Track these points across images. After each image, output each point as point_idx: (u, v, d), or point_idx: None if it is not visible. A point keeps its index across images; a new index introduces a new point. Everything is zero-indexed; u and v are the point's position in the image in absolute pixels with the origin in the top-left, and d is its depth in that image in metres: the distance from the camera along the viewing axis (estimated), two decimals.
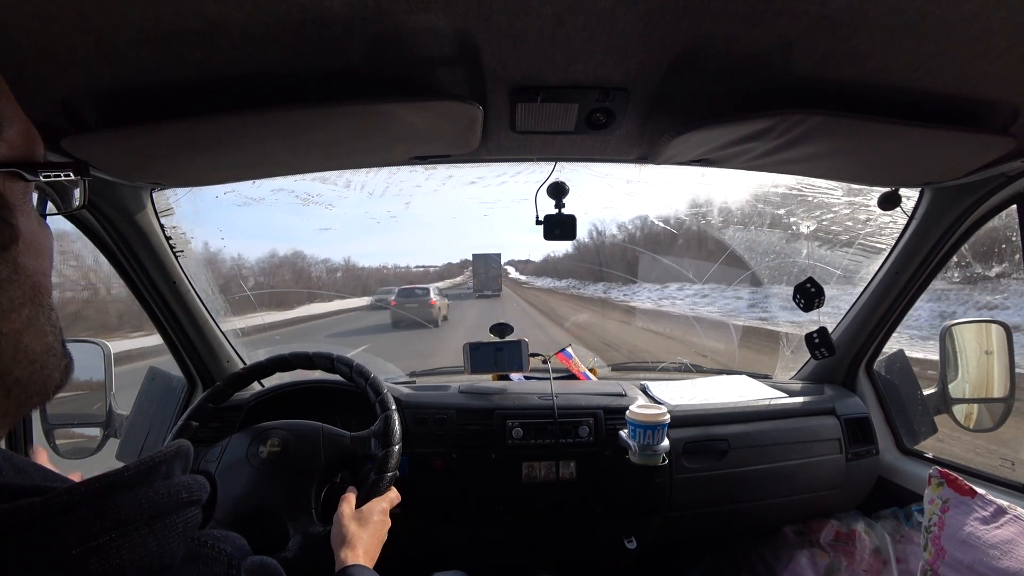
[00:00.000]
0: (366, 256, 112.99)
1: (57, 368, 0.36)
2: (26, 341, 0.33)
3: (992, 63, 0.65)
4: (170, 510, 0.29)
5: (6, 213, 0.31)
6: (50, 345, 0.35)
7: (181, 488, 0.31)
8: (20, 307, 0.32)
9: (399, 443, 0.98)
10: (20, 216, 0.33)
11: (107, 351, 1.28)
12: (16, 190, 0.33)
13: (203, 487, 0.33)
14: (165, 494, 0.29)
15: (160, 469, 0.31)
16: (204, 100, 0.70)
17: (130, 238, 1.13)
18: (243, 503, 0.92)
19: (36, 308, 0.33)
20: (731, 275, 2.31)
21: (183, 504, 0.30)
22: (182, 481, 0.31)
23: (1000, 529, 0.88)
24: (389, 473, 0.93)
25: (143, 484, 0.29)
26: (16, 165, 0.32)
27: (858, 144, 0.86)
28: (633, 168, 1.18)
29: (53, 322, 0.35)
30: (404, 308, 10.44)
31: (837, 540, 1.29)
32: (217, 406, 1.11)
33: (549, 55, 0.67)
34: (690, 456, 1.23)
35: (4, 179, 0.32)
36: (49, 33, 0.54)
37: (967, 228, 1.13)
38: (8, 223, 0.32)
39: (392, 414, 1.00)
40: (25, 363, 0.33)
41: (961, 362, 1.34)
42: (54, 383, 0.36)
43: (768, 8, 0.57)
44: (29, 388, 0.33)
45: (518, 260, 47.08)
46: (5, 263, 0.31)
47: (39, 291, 0.34)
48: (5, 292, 0.31)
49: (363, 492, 0.90)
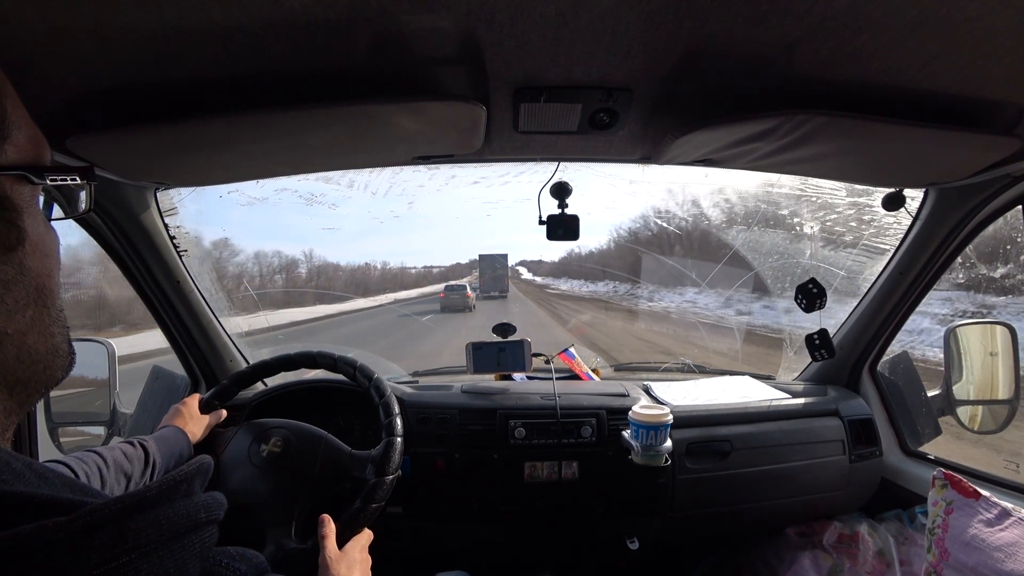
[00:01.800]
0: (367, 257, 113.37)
1: (61, 367, 0.36)
2: (30, 342, 0.33)
3: (997, 63, 0.64)
4: (188, 530, 0.30)
5: (13, 216, 0.32)
6: (56, 346, 0.35)
7: (200, 508, 0.31)
8: (24, 308, 0.33)
9: (395, 473, 0.96)
10: (27, 219, 0.33)
11: (111, 350, 1.28)
12: (23, 193, 0.33)
13: (221, 505, 0.33)
14: (184, 514, 0.30)
15: (181, 487, 0.31)
16: (208, 100, 0.70)
17: (134, 237, 1.14)
18: (234, 498, 0.92)
19: (40, 309, 0.34)
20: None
21: (201, 524, 0.31)
22: (201, 501, 0.31)
23: (1005, 531, 0.88)
24: (374, 505, 0.91)
25: (164, 503, 0.29)
26: (23, 168, 0.33)
27: (862, 144, 0.86)
28: (636, 168, 1.18)
29: (60, 323, 0.36)
30: (449, 299, 15.33)
31: (840, 542, 1.29)
32: (222, 404, 1.12)
33: (552, 55, 0.67)
34: (693, 457, 1.23)
35: (11, 182, 0.32)
36: (54, 34, 0.55)
37: (972, 229, 1.13)
38: (14, 225, 0.32)
39: (395, 441, 0.98)
40: (28, 363, 0.33)
41: (966, 363, 1.33)
42: (55, 380, 0.36)
43: (771, 8, 0.57)
44: (30, 387, 0.34)
45: (530, 260, 46.72)
46: (10, 264, 0.32)
47: (43, 293, 0.34)
48: (10, 293, 0.32)
49: (345, 518, 0.88)
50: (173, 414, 1.00)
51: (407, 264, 56.59)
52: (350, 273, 41.72)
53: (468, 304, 15.27)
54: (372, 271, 45.44)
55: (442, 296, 15.69)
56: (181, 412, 1.00)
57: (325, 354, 1.12)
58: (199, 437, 1.01)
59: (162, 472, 0.90)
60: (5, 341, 0.32)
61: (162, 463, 0.89)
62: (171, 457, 0.92)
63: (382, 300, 20.88)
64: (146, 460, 0.86)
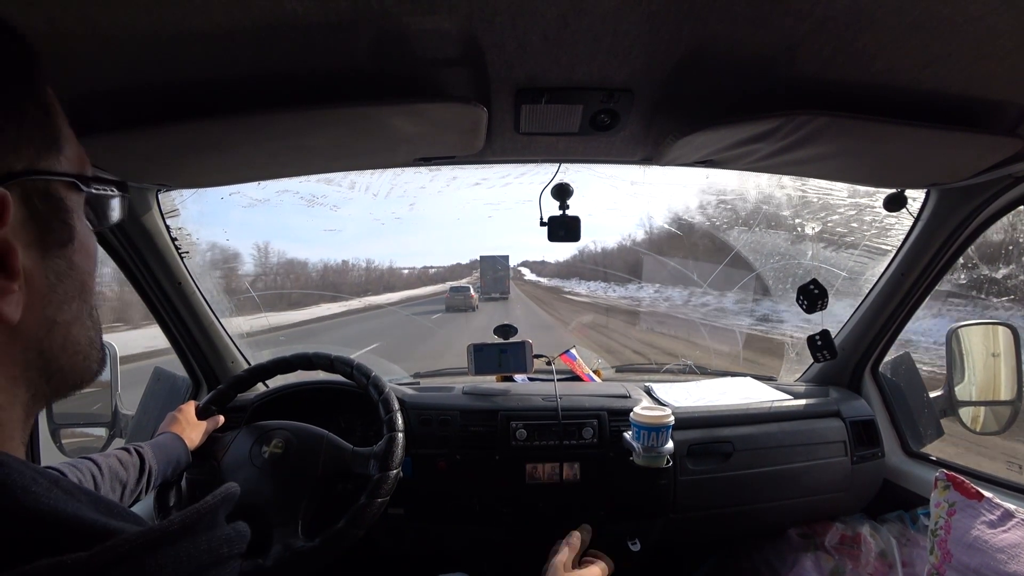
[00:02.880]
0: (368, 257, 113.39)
1: (96, 360, 0.39)
2: (75, 332, 0.36)
3: (999, 64, 0.64)
4: (210, 566, 0.29)
5: (66, 216, 0.35)
6: (92, 339, 0.38)
7: (223, 543, 0.31)
8: (71, 300, 0.36)
9: (398, 468, 0.96)
10: (77, 220, 0.37)
11: (113, 352, 1.28)
12: (73, 198, 0.36)
13: (244, 537, 0.33)
14: (206, 549, 0.29)
15: (206, 519, 0.31)
16: (210, 102, 0.70)
17: (136, 239, 1.14)
18: (237, 500, 0.92)
19: (82, 304, 0.37)
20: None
21: (223, 559, 0.30)
22: (224, 535, 0.31)
23: (1007, 533, 0.87)
24: (380, 499, 0.92)
25: (187, 537, 0.29)
26: (75, 176, 0.36)
27: (864, 145, 0.85)
28: (638, 169, 1.18)
29: (95, 319, 0.39)
30: (454, 299, 16.52)
31: (842, 543, 1.28)
32: (220, 408, 1.12)
33: (553, 57, 0.67)
34: (694, 458, 1.23)
35: (65, 188, 0.35)
36: (56, 36, 0.55)
37: (974, 229, 1.13)
38: (68, 224, 0.35)
39: (397, 436, 0.99)
40: (72, 352, 0.36)
41: (968, 364, 1.33)
42: (91, 374, 0.38)
43: (773, 9, 0.57)
44: (70, 377, 0.36)
45: (532, 261, 46.46)
46: (63, 259, 0.35)
47: (86, 289, 0.37)
48: (62, 284, 0.35)
49: (351, 514, 0.89)
50: (170, 421, 1.00)
51: (407, 264, 56.63)
52: (351, 273, 41.79)
53: (471, 304, 16.44)
54: (372, 271, 45.52)
55: (447, 296, 16.93)
56: (178, 419, 1.00)
57: (321, 355, 1.12)
58: (197, 443, 1.01)
59: (158, 479, 0.90)
60: (55, 329, 0.34)
61: (159, 470, 0.89)
62: (168, 464, 0.91)
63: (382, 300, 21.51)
64: (142, 467, 0.86)
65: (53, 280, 0.34)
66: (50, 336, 0.34)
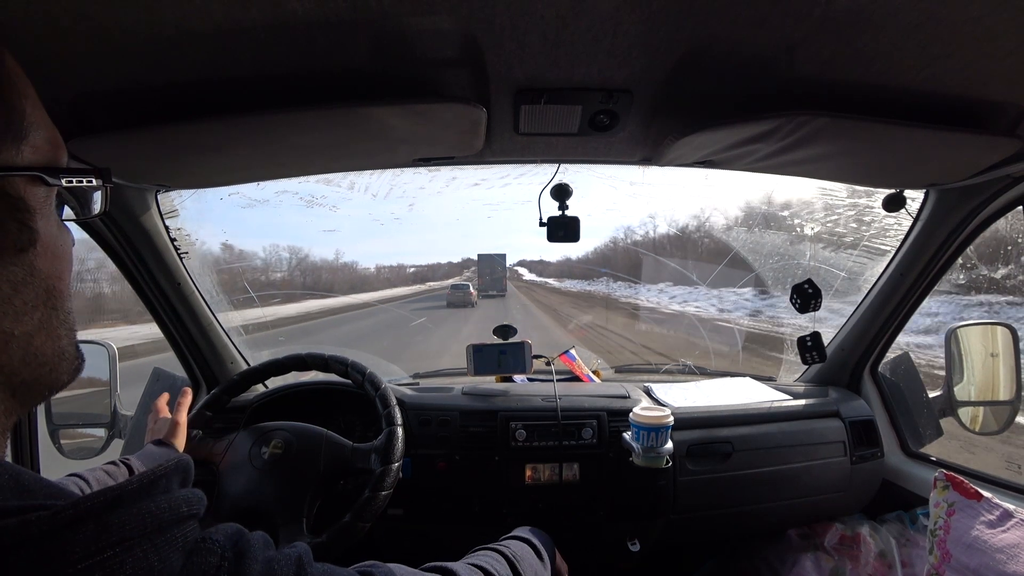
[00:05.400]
0: (368, 257, 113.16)
1: (66, 371, 0.36)
2: (36, 344, 0.33)
3: (998, 64, 0.65)
4: (171, 523, 0.29)
5: (26, 217, 0.32)
6: (62, 349, 0.35)
7: (182, 502, 0.31)
8: (33, 310, 0.33)
9: (399, 461, 0.97)
10: (40, 220, 0.33)
11: (112, 352, 1.28)
12: (38, 194, 0.33)
13: (201, 500, 0.33)
14: (167, 508, 0.29)
15: (161, 483, 0.31)
16: (210, 102, 0.70)
17: (135, 240, 1.14)
18: (241, 501, 0.92)
19: (49, 311, 0.34)
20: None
21: (184, 517, 0.30)
22: (182, 495, 0.31)
23: (1006, 533, 0.87)
24: (384, 492, 0.92)
25: (146, 498, 0.29)
26: (40, 169, 0.33)
27: (863, 146, 0.86)
28: (637, 170, 1.18)
29: (68, 325, 0.36)
30: (455, 295, 17.49)
31: (842, 543, 1.28)
32: (216, 412, 1.12)
33: (553, 57, 0.67)
34: (694, 458, 1.23)
35: (26, 183, 0.32)
36: (56, 36, 0.55)
37: (972, 230, 1.13)
38: (27, 226, 0.32)
39: (396, 430, 1.00)
40: (34, 366, 0.33)
41: (967, 364, 1.33)
42: (60, 384, 0.36)
43: (773, 10, 0.57)
44: (35, 390, 0.34)
45: (530, 260, 46.44)
46: (20, 266, 0.32)
47: (53, 295, 0.34)
48: (19, 295, 0.32)
49: (355, 509, 0.89)
50: (156, 431, 0.99)
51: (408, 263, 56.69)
52: (350, 273, 41.84)
53: (471, 301, 17.51)
54: (371, 271, 45.60)
55: (448, 293, 17.93)
56: (163, 428, 0.99)
57: (315, 355, 1.12)
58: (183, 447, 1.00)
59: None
60: (11, 343, 0.32)
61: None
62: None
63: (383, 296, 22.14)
64: (130, 475, 0.85)
65: (8, 291, 0.31)
66: (7, 351, 0.31)
